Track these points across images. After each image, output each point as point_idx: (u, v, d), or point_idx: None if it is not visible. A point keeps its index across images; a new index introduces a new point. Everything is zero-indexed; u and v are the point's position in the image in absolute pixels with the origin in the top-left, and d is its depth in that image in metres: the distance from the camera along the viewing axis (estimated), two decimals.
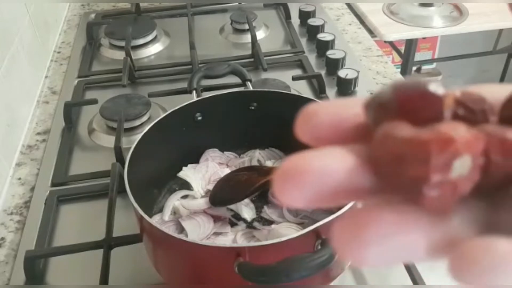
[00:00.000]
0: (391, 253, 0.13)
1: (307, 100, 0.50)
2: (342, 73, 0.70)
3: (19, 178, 0.60)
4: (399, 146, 0.12)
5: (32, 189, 0.57)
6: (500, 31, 1.56)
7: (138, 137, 0.46)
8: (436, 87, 0.13)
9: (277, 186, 0.13)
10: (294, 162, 0.13)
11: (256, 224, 0.48)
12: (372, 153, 0.13)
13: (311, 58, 0.78)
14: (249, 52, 0.79)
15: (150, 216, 0.48)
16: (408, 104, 0.13)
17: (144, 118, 0.64)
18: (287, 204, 0.13)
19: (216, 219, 0.48)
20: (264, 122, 0.53)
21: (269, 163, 0.54)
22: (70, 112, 0.65)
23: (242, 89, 0.59)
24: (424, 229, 0.13)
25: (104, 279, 0.44)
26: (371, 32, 1.19)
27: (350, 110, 0.15)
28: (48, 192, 0.56)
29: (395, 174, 0.12)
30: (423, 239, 0.13)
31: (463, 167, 0.12)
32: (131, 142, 0.47)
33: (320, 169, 0.13)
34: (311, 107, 0.15)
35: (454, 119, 0.13)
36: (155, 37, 0.84)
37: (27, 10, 0.75)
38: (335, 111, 0.15)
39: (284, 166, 0.13)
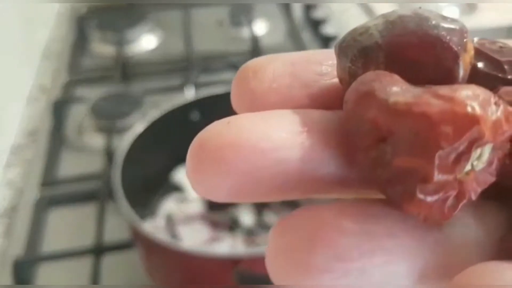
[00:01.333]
0: (354, 282, 0.08)
1: None
2: None
3: (8, 180, 0.57)
4: (385, 114, 0.08)
5: (21, 191, 0.55)
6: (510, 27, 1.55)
7: (131, 137, 0.44)
8: (452, 33, 0.08)
9: (189, 166, 0.09)
10: (216, 130, 0.09)
11: (256, 229, 0.47)
12: (341, 123, 0.08)
13: None
14: (249, 47, 0.76)
15: (143, 221, 0.46)
16: (405, 55, 0.08)
17: (137, 117, 0.62)
18: (203, 196, 0.09)
19: (214, 224, 0.46)
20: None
21: None
22: (60, 111, 0.63)
23: None
24: (407, 250, 0.08)
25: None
26: None
27: (314, 67, 0.10)
28: (37, 194, 0.54)
29: (373, 161, 0.08)
30: (405, 265, 0.08)
31: (479, 160, 0.08)
32: (124, 142, 0.45)
33: (258, 145, 0.08)
34: (253, 63, 0.10)
35: (470, 77, 0.09)
36: (149, 31, 0.81)
37: (15, 5, 0.72)
38: (290, 70, 0.09)
39: (201, 137, 0.09)
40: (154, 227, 0.46)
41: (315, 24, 0.80)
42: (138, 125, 0.46)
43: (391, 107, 0.08)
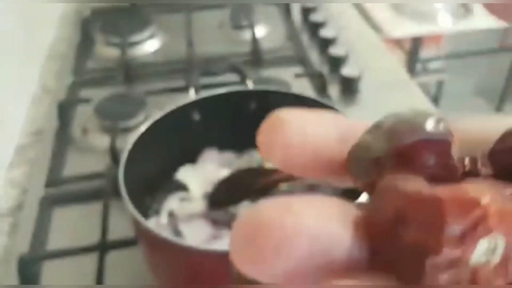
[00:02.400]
0: None
1: (308, 99, 0.49)
2: (345, 71, 0.68)
3: (12, 180, 0.58)
4: (403, 201, 0.09)
5: (26, 190, 0.56)
6: (506, 28, 1.55)
7: (134, 137, 0.44)
8: (438, 130, 0.10)
9: (234, 248, 0.09)
10: (265, 213, 0.09)
11: None
12: (370, 213, 0.09)
13: (313, 55, 0.76)
14: (249, 49, 0.77)
15: (146, 219, 0.46)
16: (413, 160, 0.10)
17: (141, 118, 0.63)
18: (249, 274, 0.09)
19: (215, 222, 0.47)
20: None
21: (270, 164, 0.52)
22: (64, 112, 0.64)
23: (241, 87, 0.58)
24: None
25: (98, 283, 0.43)
26: (375, 28, 1.17)
27: (328, 134, 0.10)
28: (42, 193, 0.54)
29: (389, 245, 0.09)
30: None
31: (491, 251, 0.08)
32: (127, 142, 0.45)
33: (314, 232, 0.08)
34: (284, 113, 0.10)
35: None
36: (152, 33, 0.82)
37: (20, 7, 0.73)
38: (321, 131, 0.10)
39: (245, 219, 0.09)
40: (157, 224, 0.46)
41: (314, 27, 0.81)
42: (141, 125, 0.47)
43: (408, 194, 0.09)
